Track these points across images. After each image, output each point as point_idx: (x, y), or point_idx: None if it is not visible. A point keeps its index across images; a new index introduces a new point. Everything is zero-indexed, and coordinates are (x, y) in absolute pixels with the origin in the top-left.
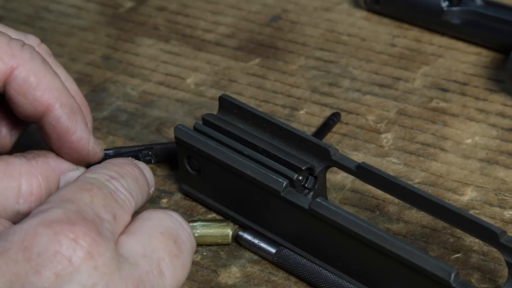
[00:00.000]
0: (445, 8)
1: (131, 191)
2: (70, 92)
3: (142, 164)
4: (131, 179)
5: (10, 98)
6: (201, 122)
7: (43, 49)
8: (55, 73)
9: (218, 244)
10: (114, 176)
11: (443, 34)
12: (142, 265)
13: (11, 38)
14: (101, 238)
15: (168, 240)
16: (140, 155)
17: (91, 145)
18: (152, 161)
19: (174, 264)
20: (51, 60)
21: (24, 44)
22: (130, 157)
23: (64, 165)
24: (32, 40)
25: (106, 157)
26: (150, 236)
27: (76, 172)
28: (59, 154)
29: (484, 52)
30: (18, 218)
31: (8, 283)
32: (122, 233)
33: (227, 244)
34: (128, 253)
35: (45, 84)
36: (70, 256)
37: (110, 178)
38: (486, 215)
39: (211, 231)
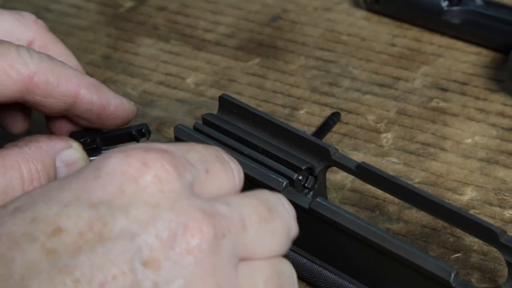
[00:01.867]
0: (445, 8)
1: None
2: (82, 71)
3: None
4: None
5: (38, 103)
6: (201, 122)
7: (40, 25)
8: (63, 62)
9: None
10: (221, 149)
11: (443, 34)
12: (222, 209)
13: (17, 46)
14: (174, 170)
15: (261, 205)
16: (134, 132)
17: (127, 105)
18: (147, 137)
19: (261, 226)
20: (48, 35)
21: (29, 48)
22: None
23: (57, 145)
24: (28, 17)
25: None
26: (243, 195)
27: (70, 150)
28: (102, 128)
29: (484, 52)
30: None
31: (75, 195)
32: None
33: None
34: (209, 197)
35: (64, 78)
36: (137, 177)
37: (220, 149)
38: (486, 215)
39: None
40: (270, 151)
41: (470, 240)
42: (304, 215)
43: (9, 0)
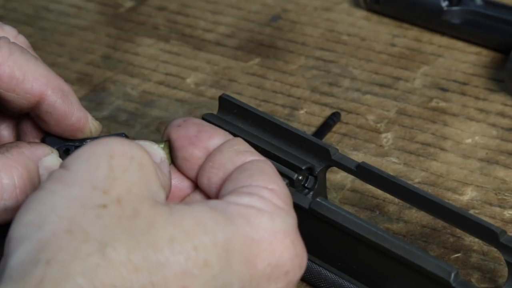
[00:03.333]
0: (445, 8)
1: None
2: (55, 74)
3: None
4: None
5: (1, 96)
6: None
7: (21, 42)
8: (37, 59)
9: None
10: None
11: (443, 34)
12: None
13: None
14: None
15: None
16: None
17: (91, 121)
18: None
19: None
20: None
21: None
22: None
23: (39, 151)
24: (9, 31)
25: None
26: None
27: (52, 156)
28: (60, 136)
29: (484, 52)
30: (8, 214)
31: (249, 277)
32: None
33: None
34: None
35: (31, 75)
36: (291, 281)
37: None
38: (486, 215)
39: None
40: (270, 151)
41: (470, 240)
42: (304, 215)
43: (9, 1)
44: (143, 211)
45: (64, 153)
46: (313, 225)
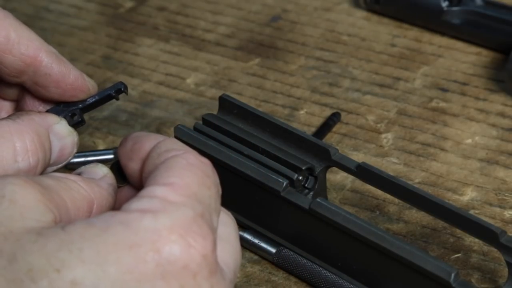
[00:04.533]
0: (445, 8)
1: None
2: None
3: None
4: None
5: None
6: (201, 122)
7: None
8: (27, 26)
9: None
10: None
11: (443, 34)
12: (232, 279)
13: None
14: (211, 242)
15: (239, 251)
16: (113, 93)
17: (87, 79)
18: (126, 93)
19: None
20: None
21: None
22: None
23: (48, 119)
24: None
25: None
26: (236, 250)
27: (61, 123)
28: (61, 99)
29: (484, 52)
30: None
31: (135, 282)
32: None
33: None
34: (224, 266)
35: (25, 37)
36: (196, 273)
37: (212, 172)
38: (486, 215)
39: None
40: (270, 151)
41: (470, 241)
42: (304, 215)
43: (9, 1)
44: (5, 248)
45: (71, 117)
46: (313, 225)
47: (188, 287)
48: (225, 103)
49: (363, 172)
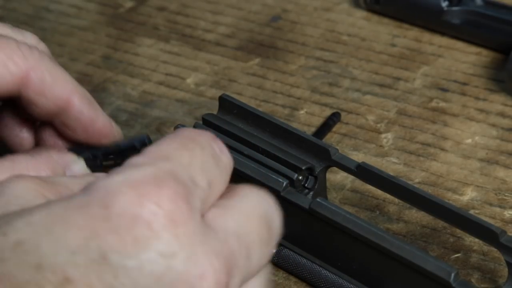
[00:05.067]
0: (445, 8)
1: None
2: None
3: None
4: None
5: (29, 100)
6: (201, 122)
7: (42, 48)
8: (62, 68)
9: None
10: (215, 138)
11: (443, 34)
12: (232, 244)
13: (18, 41)
14: (187, 206)
15: (264, 225)
16: (137, 145)
17: (114, 127)
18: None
19: (263, 251)
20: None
21: (31, 46)
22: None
23: (66, 157)
24: (31, 38)
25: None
26: (248, 217)
27: (79, 163)
28: (85, 142)
29: (484, 52)
30: None
31: (84, 240)
32: (215, 205)
33: None
34: (219, 228)
35: (60, 80)
36: (151, 221)
37: (213, 139)
38: (486, 215)
39: None
40: (270, 151)
41: (470, 240)
42: (304, 215)
43: (9, 1)
44: None
45: (92, 160)
46: (313, 225)
47: (143, 238)
48: (225, 103)
49: (363, 172)
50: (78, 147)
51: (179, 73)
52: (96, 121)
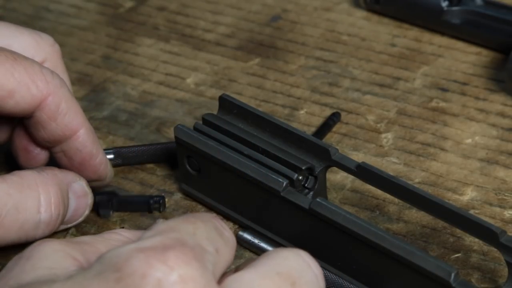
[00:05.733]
0: (445, 8)
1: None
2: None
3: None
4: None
5: (40, 123)
6: (201, 122)
7: (56, 50)
8: (76, 99)
9: None
10: (215, 217)
11: (443, 34)
12: None
13: (42, 65)
14: (198, 264)
15: (284, 281)
16: (151, 202)
17: (109, 168)
18: (161, 210)
19: None
20: (61, 62)
21: (53, 71)
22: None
23: (69, 176)
24: (47, 39)
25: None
26: (264, 276)
27: (79, 183)
28: (75, 172)
29: (484, 52)
30: (39, 229)
31: None
32: (231, 272)
33: None
34: (220, 275)
35: (73, 110)
36: (160, 278)
37: (213, 217)
38: (486, 215)
39: None
40: (270, 151)
41: (470, 240)
42: (304, 215)
43: (9, 0)
44: None
45: (106, 202)
46: (313, 225)
47: None
48: (225, 103)
49: (363, 172)
50: (95, 192)
51: (179, 73)
52: (95, 158)
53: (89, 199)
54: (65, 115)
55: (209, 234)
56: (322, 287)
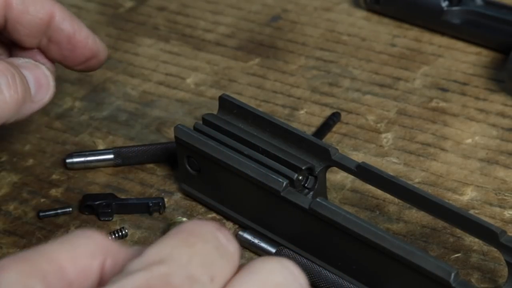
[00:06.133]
0: (445, 8)
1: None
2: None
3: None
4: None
5: (16, 21)
6: (201, 122)
7: None
8: None
9: None
10: (220, 228)
11: (443, 34)
12: None
13: None
14: None
15: None
16: (151, 204)
17: (98, 41)
18: (161, 212)
19: None
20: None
21: None
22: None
23: (14, 60)
24: None
25: None
26: None
27: (27, 60)
28: (74, 61)
29: (484, 52)
30: (10, 107)
31: None
32: None
33: None
34: None
35: None
36: None
37: (218, 228)
38: (486, 215)
39: None
40: (270, 151)
41: (470, 240)
42: (304, 215)
43: None
44: None
45: (104, 207)
46: (313, 225)
47: None
48: (225, 103)
49: (363, 172)
50: (94, 194)
51: (179, 73)
52: (79, 32)
53: (41, 68)
54: (34, 3)
55: (207, 259)
56: None
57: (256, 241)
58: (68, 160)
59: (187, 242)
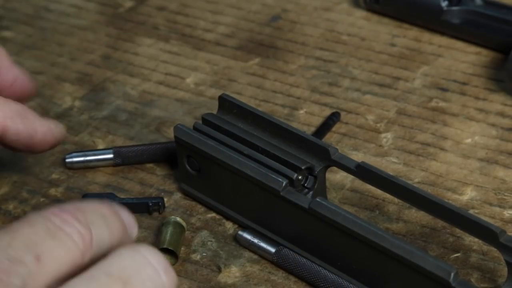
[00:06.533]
0: (445, 8)
1: (89, 224)
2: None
3: (118, 207)
4: (93, 214)
5: None
6: (200, 122)
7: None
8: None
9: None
10: (65, 210)
11: (443, 34)
12: None
13: None
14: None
15: (114, 282)
16: (150, 204)
17: (55, 130)
18: (161, 211)
19: None
20: (7, 59)
21: None
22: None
23: None
24: None
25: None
26: (91, 278)
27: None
28: (34, 152)
29: (484, 52)
30: None
31: None
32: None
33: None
34: (48, 284)
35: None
36: None
37: (59, 211)
38: (486, 215)
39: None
40: (270, 151)
41: (470, 240)
42: (303, 215)
43: (9, 0)
44: None
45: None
46: (313, 225)
47: None
48: (225, 102)
49: (363, 172)
50: (93, 193)
51: (179, 72)
52: (35, 135)
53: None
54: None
55: (32, 238)
56: (168, 283)
57: (255, 240)
58: (68, 160)
59: (12, 228)
